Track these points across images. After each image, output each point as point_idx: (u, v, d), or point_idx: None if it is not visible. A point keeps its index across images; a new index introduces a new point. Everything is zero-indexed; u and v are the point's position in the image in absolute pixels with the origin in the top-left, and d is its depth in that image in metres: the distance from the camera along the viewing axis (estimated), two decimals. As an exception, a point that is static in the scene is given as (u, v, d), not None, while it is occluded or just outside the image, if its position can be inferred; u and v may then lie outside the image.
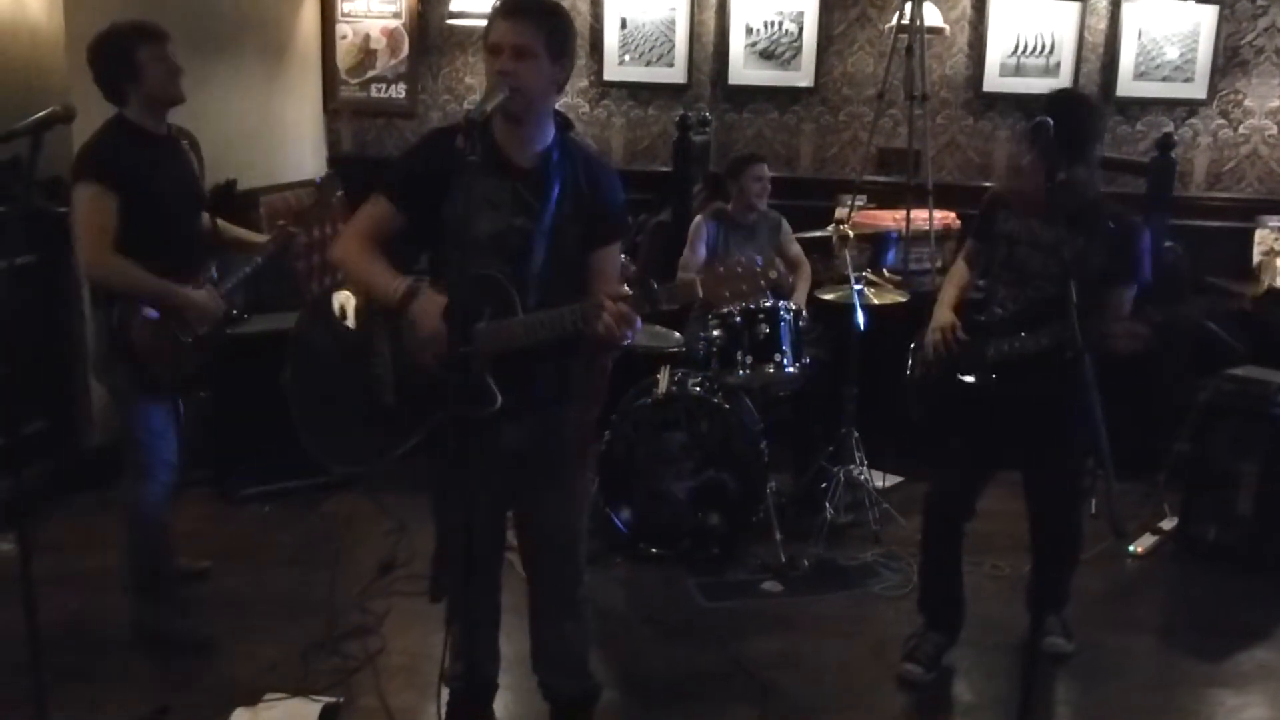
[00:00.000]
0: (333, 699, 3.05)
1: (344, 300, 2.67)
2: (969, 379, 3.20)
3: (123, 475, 3.36)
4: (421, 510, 2.82)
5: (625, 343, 2.37)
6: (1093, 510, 4.46)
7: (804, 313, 4.39)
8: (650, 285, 2.30)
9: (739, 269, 2.30)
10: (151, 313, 3.13)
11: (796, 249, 4.83)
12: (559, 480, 2.68)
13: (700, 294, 2.30)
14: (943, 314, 3.33)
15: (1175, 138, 5.35)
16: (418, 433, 2.49)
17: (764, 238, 4.69)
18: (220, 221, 3.51)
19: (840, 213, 5.31)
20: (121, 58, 3.11)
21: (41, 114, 2.46)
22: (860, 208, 5.47)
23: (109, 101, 3.15)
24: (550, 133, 2.48)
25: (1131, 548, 4.28)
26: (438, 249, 2.55)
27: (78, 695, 3.01)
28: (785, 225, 4.79)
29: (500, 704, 2.95)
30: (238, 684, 3.13)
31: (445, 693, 2.73)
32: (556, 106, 2.53)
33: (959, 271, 3.45)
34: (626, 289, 2.33)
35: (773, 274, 2.30)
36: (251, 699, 3.02)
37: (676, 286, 2.33)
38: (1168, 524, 4.43)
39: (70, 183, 3.12)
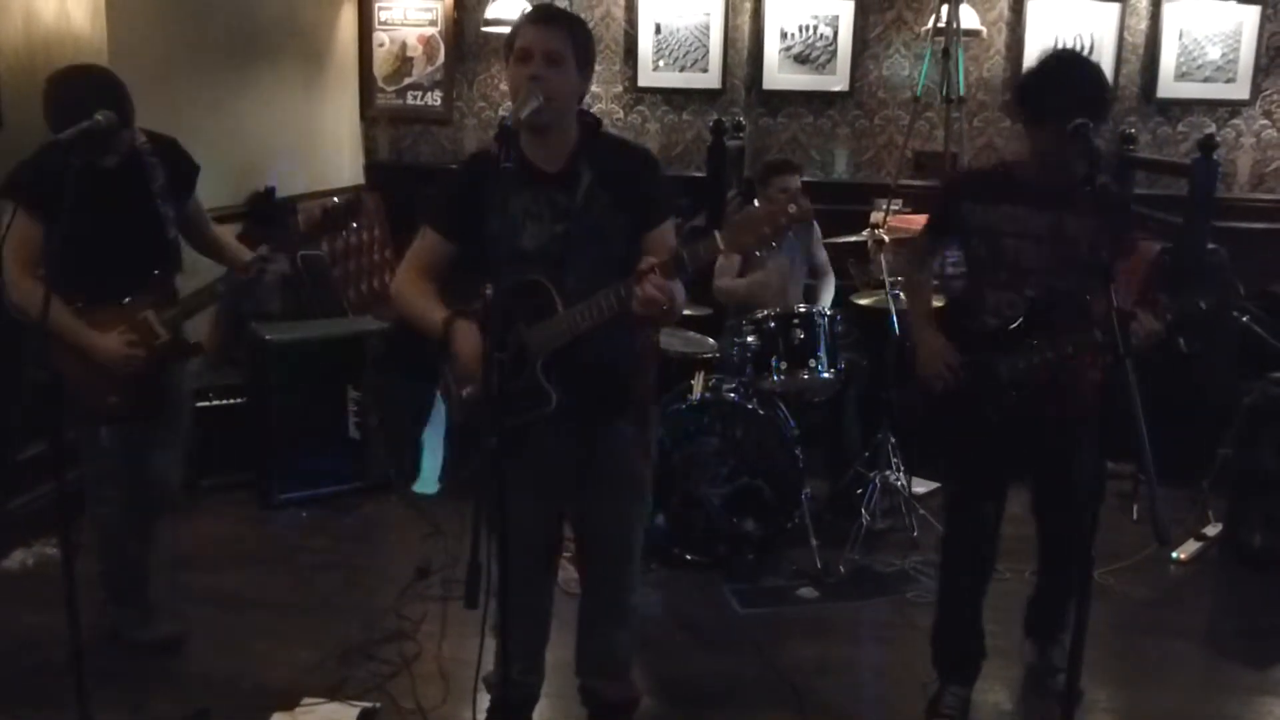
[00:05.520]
0: (370, 704, 3.06)
1: None
2: (985, 411, 2.87)
3: None
4: (457, 515, 2.83)
5: (671, 313, 2.37)
6: (1135, 516, 4.41)
7: (839, 317, 4.37)
8: (679, 253, 2.31)
9: (759, 213, 2.30)
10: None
11: (824, 257, 4.81)
12: (616, 488, 2.68)
13: (723, 246, 2.30)
14: (931, 341, 2.93)
15: (1218, 139, 5.27)
16: (483, 440, 2.51)
17: (794, 243, 4.67)
18: (215, 232, 3.38)
19: (876, 217, 5.27)
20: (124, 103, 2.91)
21: (84, 124, 2.50)
22: (896, 212, 5.43)
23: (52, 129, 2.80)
24: (574, 136, 2.50)
25: (1175, 554, 4.21)
26: (488, 268, 2.56)
27: (119, 697, 3.03)
28: (816, 231, 4.76)
29: (538, 710, 2.94)
30: (275, 688, 3.15)
31: (483, 699, 2.73)
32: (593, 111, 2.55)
33: (919, 280, 3.09)
34: (651, 259, 2.33)
35: (792, 209, 2.28)
36: (289, 703, 3.04)
37: (701, 246, 2.32)
38: (1212, 530, 4.36)
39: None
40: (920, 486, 4.65)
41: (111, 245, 3.03)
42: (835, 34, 5.99)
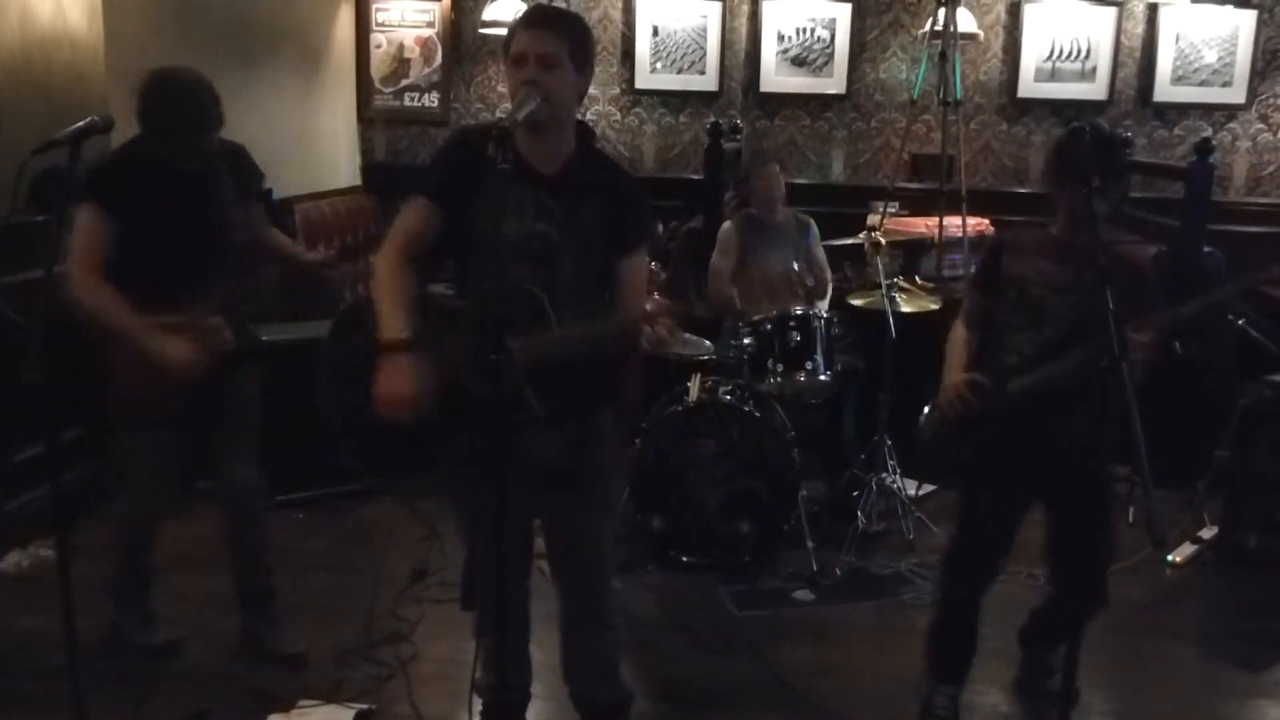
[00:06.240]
0: (366, 706, 3.07)
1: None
2: (992, 429, 2.98)
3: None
4: (455, 517, 2.84)
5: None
6: (1130, 519, 4.42)
7: (835, 319, 4.38)
8: (691, 301, 2.33)
9: (774, 279, 2.32)
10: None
11: (821, 256, 4.80)
12: (590, 489, 2.69)
13: (740, 306, 2.33)
14: (954, 377, 3.06)
15: (1214, 142, 5.28)
16: (457, 442, 2.50)
17: (791, 240, 4.66)
18: (271, 233, 3.45)
19: (872, 219, 5.28)
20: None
21: (80, 124, 2.50)
22: (893, 214, 5.45)
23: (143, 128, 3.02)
24: (571, 142, 2.49)
25: (1171, 557, 4.23)
26: (464, 256, 2.55)
27: (116, 700, 3.03)
28: (814, 230, 4.77)
29: (532, 712, 2.95)
30: (272, 690, 3.15)
31: (477, 702, 2.73)
32: (587, 117, 2.54)
33: (961, 336, 3.15)
34: (663, 301, 2.36)
35: (810, 281, 2.31)
36: (286, 705, 3.05)
37: (714, 299, 2.35)
38: (1207, 532, 4.37)
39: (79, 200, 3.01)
40: (915, 489, 4.66)
41: (181, 249, 3.06)
42: (832, 37, 6.00)
